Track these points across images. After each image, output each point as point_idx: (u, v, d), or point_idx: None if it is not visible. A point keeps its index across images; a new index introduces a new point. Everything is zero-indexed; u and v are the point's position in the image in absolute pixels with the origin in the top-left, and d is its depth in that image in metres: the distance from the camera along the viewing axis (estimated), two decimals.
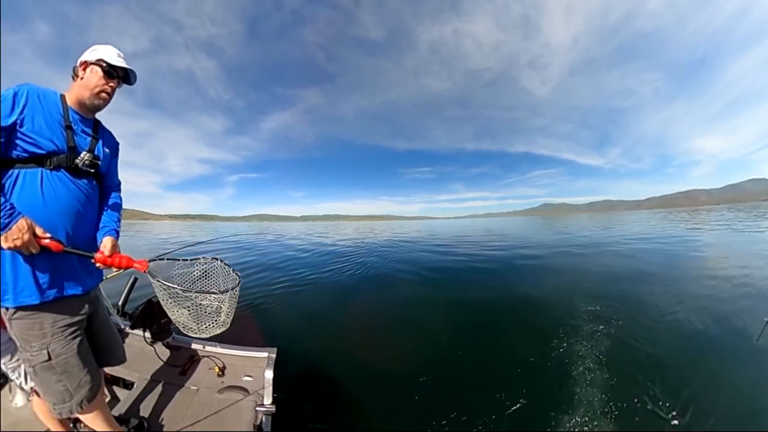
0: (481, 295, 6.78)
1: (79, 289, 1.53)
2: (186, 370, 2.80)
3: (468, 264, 10.63)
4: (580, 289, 6.61)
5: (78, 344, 1.52)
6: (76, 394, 1.52)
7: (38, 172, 1.38)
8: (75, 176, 1.50)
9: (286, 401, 2.72)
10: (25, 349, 1.44)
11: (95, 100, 1.56)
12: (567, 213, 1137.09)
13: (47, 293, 1.40)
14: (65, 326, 1.47)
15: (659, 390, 3.23)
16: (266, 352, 2.86)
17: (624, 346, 4.13)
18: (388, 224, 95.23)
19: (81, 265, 1.54)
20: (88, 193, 1.58)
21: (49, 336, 1.42)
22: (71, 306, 1.51)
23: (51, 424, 2.01)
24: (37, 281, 1.38)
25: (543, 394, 3.30)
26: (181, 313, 1.61)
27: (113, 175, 1.83)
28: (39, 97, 1.40)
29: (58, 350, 1.44)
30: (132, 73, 1.66)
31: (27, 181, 1.36)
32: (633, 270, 8.48)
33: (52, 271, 1.41)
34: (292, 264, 11.36)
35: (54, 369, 1.45)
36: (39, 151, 1.38)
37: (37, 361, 1.43)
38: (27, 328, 1.41)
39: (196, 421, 2.22)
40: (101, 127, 1.70)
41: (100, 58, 1.53)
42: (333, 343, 4.55)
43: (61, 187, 1.44)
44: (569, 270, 9.09)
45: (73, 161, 1.48)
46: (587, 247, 13.59)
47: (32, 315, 1.40)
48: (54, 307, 1.44)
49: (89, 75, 1.54)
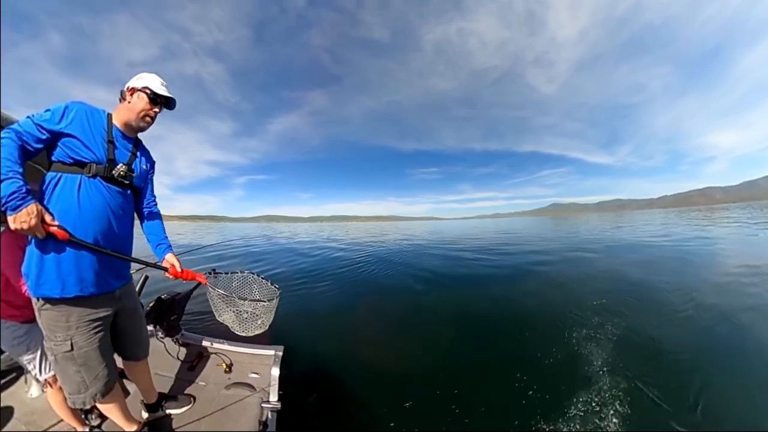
0: (489, 298, 6.70)
1: (103, 288, 1.62)
2: (194, 366, 2.86)
3: (477, 266, 10.53)
4: (590, 292, 6.51)
5: (100, 339, 1.62)
6: (91, 387, 1.62)
7: (78, 177, 1.51)
8: (111, 185, 1.62)
9: (291, 398, 2.75)
10: (50, 339, 1.54)
11: (140, 122, 1.72)
12: (576, 213, 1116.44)
13: (68, 290, 1.49)
14: (89, 321, 1.58)
15: (670, 397, 3.18)
16: (273, 350, 2.89)
17: (635, 352, 4.06)
18: (395, 225, 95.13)
19: (105, 266, 1.63)
20: (121, 202, 1.69)
21: (73, 329, 1.53)
22: (97, 303, 1.62)
23: (63, 415, 2.10)
24: (60, 277, 1.47)
25: (550, 397, 3.27)
26: (229, 316, 1.89)
27: (150, 189, 1.97)
28: (87, 114, 1.56)
29: (81, 343, 1.56)
30: (173, 100, 1.82)
31: (67, 184, 1.49)
32: (645, 272, 8.30)
33: (76, 269, 1.50)
34: (301, 265, 11.46)
35: (74, 360, 1.56)
36: (81, 158, 1.52)
37: (59, 350, 1.54)
38: (54, 319, 1.52)
39: (203, 416, 2.26)
40: (141, 145, 1.85)
41: (146, 86, 1.69)
42: (340, 343, 4.58)
43: (96, 192, 1.56)
44: (578, 271, 8.93)
45: (110, 171, 1.61)
46: (597, 249, 13.34)
47: (60, 308, 1.51)
48: (80, 303, 1.54)
49: (136, 100, 1.69)
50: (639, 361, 3.78)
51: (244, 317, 1.91)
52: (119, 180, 1.64)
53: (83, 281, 1.53)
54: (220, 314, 1.93)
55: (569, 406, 3.11)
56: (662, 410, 3.02)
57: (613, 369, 3.65)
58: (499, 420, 3.03)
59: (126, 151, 1.71)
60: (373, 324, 5.50)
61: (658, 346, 4.14)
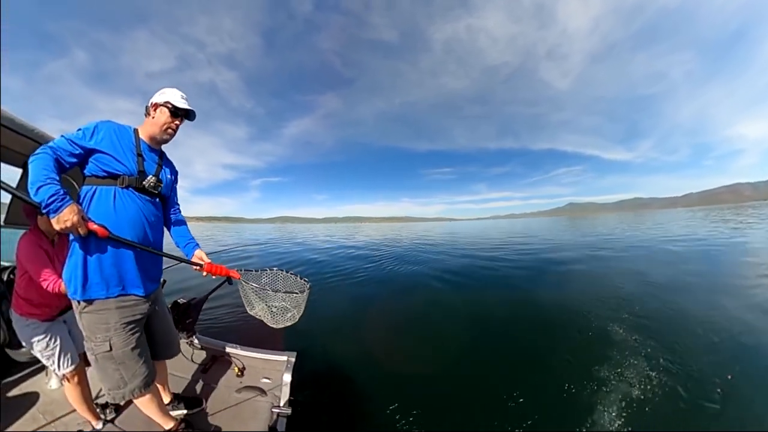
0: (506, 302, 6.54)
1: (141, 290, 1.71)
2: (208, 369, 2.89)
3: (494, 269, 10.24)
4: (611, 297, 6.26)
5: (136, 339, 1.71)
6: (129, 383, 1.70)
7: (112, 189, 1.62)
8: (142, 195, 1.73)
9: (302, 404, 2.74)
10: (90, 339, 1.63)
11: (163, 135, 1.83)
12: (594, 213, 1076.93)
13: (112, 290, 1.60)
14: (127, 323, 1.66)
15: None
16: (286, 355, 2.90)
17: (659, 359, 3.88)
18: (409, 226, 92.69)
19: (143, 269, 1.72)
20: (152, 210, 1.80)
21: (112, 330, 1.62)
22: (133, 305, 1.70)
23: (80, 408, 2.16)
24: (104, 280, 1.58)
25: (569, 405, 3.18)
26: (261, 308, 1.98)
27: (174, 197, 2.08)
28: (115, 131, 1.68)
29: (119, 343, 1.64)
30: (192, 112, 1.90)
31: (102, 195, 1.60)
32: (667, 277, 7.92)
33: (117, 272, 1.62)
34: (316, 268, 11.52)
35: (113, 359, 1.65)
36: (114, 171, 1.62)
37: (99, 350, 1.62)
38: (95, 321, 1.61)
39: (213, 413, 2.30)
40: (165, 157, 1.96)
41: (167, 100, 1.78)
42: (352, 348, 4.54)
43: (130, 202, 1.66)
44: (598, 276, 8.59)
45: (141, 182, 1.71)
46: (616, 250, 12.83)
47: (100, 310, 1.60)
48: (119, 305, 1.63)
49: (158, 114, 1.79)
50: (664, 375, 3.59)
51: (273, 311, 1.99)
52: (150, 190, 1.75)
53: (123, 284, 1.64)
54: (252, 307, 2.01)
55: (588, 415, 3.02)
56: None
57: (633, 380, 3.49)
58: (516, 426, 2.95)
59: (153, 163, 1.82)
60: (388, 328, 5.43)
61: (686, 359, 3.91)
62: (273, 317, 1.99)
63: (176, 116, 1.82)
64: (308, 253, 15.95)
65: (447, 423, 3.10)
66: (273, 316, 1.98)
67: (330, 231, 45.37)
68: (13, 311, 2.04)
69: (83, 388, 2.16)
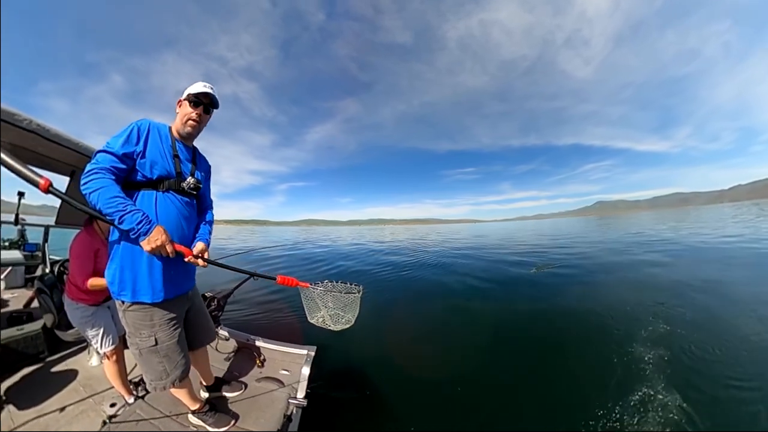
0: (531, 307, 6.26)
1: (179, 291, 1.81)
2: (230, 358, 3.03)
3: (520, 271, 9.87)
4: (647, 304, 5.82)
5: (178, 333, 1.82)
6: (171, 374, 1.81)
7: (153, 193, 1.64)
8: (181, 196, 1.75)
9: (318, 397, 2.79)
10: (134, 335, 1.71)
11: (186, 128, 1.79)
12: (626, 211, 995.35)
13: (158, 295, 1.67)
14: (169, 319, 1.76)
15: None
16: (306, 349, 2.99)
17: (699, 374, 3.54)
18: (433, 228, 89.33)
19: (183, 271, 1.81)
20: (190, 210, 1.83)
21: (156, 327, 1.72)
22: (175, 304, 1.80)
23: (116, 384, 2.38)
24: (152, 285, 1.65)
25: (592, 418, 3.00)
26: (322, 314, 2.09)
27: (207, 195, 2.08)
28: (155, 132, 1.68)
29: (163, 338, 1.74)
30: (212, 96, 1.81)
31: (144, 201, 1.61)
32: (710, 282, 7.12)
33: (164, 277, 1.68)
34: (338, 267, 11.67)
35: (158, 353, 1.75)
36: (155, 176, 1.63)
37: (145, 345, 1.72)
38: (140, 319, 1.69)
39: (233, 399, 2.41)
40: (198, 153, 1.96)
41: (188, 93, 1.77)
42: (372, 346, 4.53)
43: (170, 206, 1.69)
44: (631, 281, 7.97)
45: (180, 185, 1.73)
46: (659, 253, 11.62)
47: (145, 309, 1.68)
48: (162, 305, 1.72)
49: (181, 109, 1.80)
50: (699, 393, 3.27)
51: (329, 314, 2.10)
52: (189, 191, 1.78)
53: (166, 287, 1.69)
54: (312, 315, 2.12)
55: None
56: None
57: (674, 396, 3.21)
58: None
59: (188, 163, 1.82)
60: (408, 328, 5.38)
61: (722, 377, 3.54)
62: (333, 322, 2.09)
63: (196, 105, 1.78)
64: (334, 255, 16.11)
65: (463, 424, 3.04)
66: (333, 321, 2.09)
67: (356, 234, 45.34)
68: (65, 296, 2.31)
69: (120, 366, 2.39)
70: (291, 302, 6.51)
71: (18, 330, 2.92)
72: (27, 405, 2.34)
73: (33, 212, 7.58)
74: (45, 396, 2.47)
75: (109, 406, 2.36)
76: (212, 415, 2.13)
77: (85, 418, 2.26)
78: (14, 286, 4.90)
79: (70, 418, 2.26)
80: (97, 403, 2.41)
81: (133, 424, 2.13)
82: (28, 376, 2.75)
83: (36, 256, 4.94)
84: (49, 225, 4.40)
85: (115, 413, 2.28)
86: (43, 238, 4.66)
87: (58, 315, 2.51)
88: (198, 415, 2.12)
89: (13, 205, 4.42)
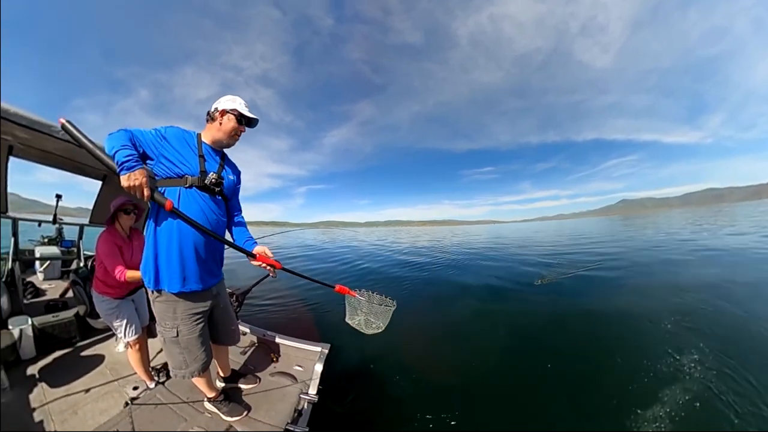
0: (552, 313, 5.93)
1: (200, 285, 1.85)
2: (246, 351, 3.12)
3: (540, 275, 9.30)
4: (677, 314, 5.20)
5: (200, 329, 1.91)
6: (190, 366, 1.92)
7: (177, 189, 1.72)
8: (204, 193, 1.82)
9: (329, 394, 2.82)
10: (160, 324, 1.85)
11: (230, 140, 1.91)
12: (654, 209, 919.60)
13: (175, 285, 1.75)
14: (192, 314, 1.86)
15: None
16: (320, 347, 3.04)
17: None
18: (452, 229, 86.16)
19: (207, 267, 1.88)
20: (214, 207, 1.88)
21: (179, 319, 1.82)
22: (198, 298, 1.88)
23: (138, 370, 2.53)
24: (171, 275, 1.74)
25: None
26: (359, 319, 2.28)
27: (236, 199, 2.14)
28: (180, 135, 1.78)
29: (185, 331, 1.85)
30: (255, 120, 1.99)
31: (168, 195, 1.68)
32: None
33: (182, 270, 1.76)
34: (355, 268, 11.72)
35: (179, 344, 1.86)
36: (178, 171, 1.72)
37: (168, 335, 1.84)
38: (164, 310, 1.81)
39: (247, 391, 2.49)
40: (227, 158, 2.04)
41: (235, 108, 1.86)
42: (387, 348, 4.46)
43: (193, 201, 1.76)
44: (662, 284, 7.35)
45: (203, 181, 1.79)
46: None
47: (169, 301, 1.79)
48: (185, 297, 1.82)
49: (226, 121, 1.87)
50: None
51: (364, 320, 2.28)
52: (211, 188, 1.82)
53: (186, 280, 1.77)
54: (351, 317, 2.29)
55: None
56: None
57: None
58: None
59: (215, 163, 1.89)
60: (425, 331, 5.30)
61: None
62: (366, 327, 2.26)
63: (241, 123, 1.91)
64: (352, 256, 16.04)
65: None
66: (366, 326, 2.26)
67: (375, 235, 44.82)
68: (93, 290, 2.47)
69: (143, 354, 2.53)
70: (307, 299, 6.61)
71: (54, 317, 3.15)
72: (58, 384, 2.52)
73: (70, 213, 8.30)
74: (74, 377, 2.64)
75: (132, 389, 2.50)
76: (227, 405, 2.21)
77: (109, 399, 2.40)
78: (52, 277, 5.32)
79: (95, 398, 2.41)
80: (120, 386, 2.56)
81: (152, 407, 2.25)
82: (60, 358, 2.97)
83: (72, 252, 5.40)
84: (83, 224, 4.82)
85: (136, 396, 2.42)
86: (78, 236, 5.06)
87: (89, 305, 2.70)
88: (213, 403, 2.20)
89: (51, 207, 4.82)
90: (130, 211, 2.47)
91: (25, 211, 4.92)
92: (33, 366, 2.76)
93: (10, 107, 1.67)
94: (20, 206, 34.78)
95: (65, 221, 5.65)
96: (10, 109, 1.67)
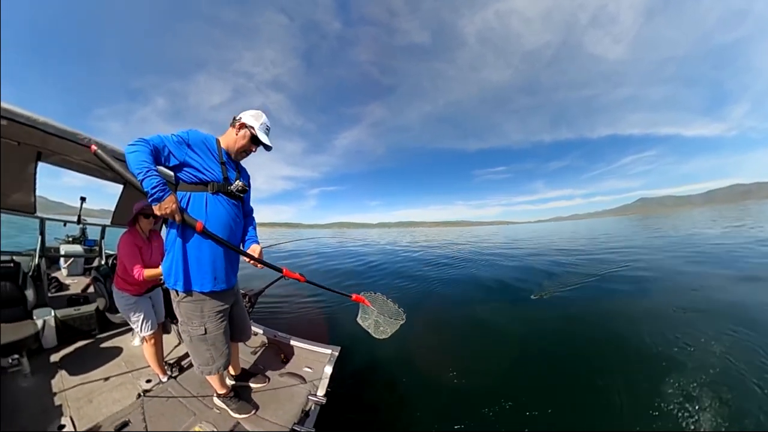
0: (566, 318, 5.63)
1: (227, 284, 1.93)
2: (257, 351, 3.15)
3: (555, 279, 8.86)
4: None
5: (224, 326, 1.98)
6: (217, 362, 1.97)
7: (204, 195, 1.79)
8: (229, 199, 1.90)
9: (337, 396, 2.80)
10: (186, 323, 1.89)
11: (238, 155, 1.98)
12: (674, 208, 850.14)
13: (207, 285, 1.82)
14: (218, 311, 1.92)
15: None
16: (330, 349, 3.05)
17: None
18: (464, 231, 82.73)
19: (230, 265, 1.95)
20: (237, 212, 1.96)
21: (206, 317, 1.88)
22: (223, 296, 1.95)
23: (152, 364, 2.61)
24: (202, 275, 1.80)
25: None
26: (370, 323, 2.43)
27: (248, 202, 2.21)
28: (204, 140, 1.82)
29: (212, 328, 1.90)
30: (269, 147, 2.02)
31: (195, 200, 1.77)
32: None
33: (213, 269, 1.83)
34: (368, 270, 11.63)
35: (206, 341, 1.92)
36: (204, 178, 1.79)
37: (195, 333, 1.89)
38: (192, 309, 1.86)
39: (256, 391, 2.51)
40: (240, 164, 2.10)
41: (253, 126, 1.91)
42: (397, 351, 4.41)
43: (219, 206, 1.83)
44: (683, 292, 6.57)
45: (227, 188, 1.87)
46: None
47: (196, 301, 1.85)
48: (212, 296, 1.88)
49: (241, 136, 1.92)
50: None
51: (374, 324, 2.44)
52: (236, 194, 1.90)
53: (217, 279, 1.85)
54: (363, 318, 2.44)
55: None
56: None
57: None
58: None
59: (233, 170, 1.95)
60: (435, 335, 5.21)
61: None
62: (375, 330, 2.39)
63: (255, 143, 1.97)
64: (367, 256, 15.97)
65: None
66: (375, 330, 2.40)
67: (388, 237, 44.17)
68: (113, 286, 2.58)
69: (157, 349, 2.61)
70: (318, 302, 6.62)
71: (75, 310, 3.32)
72: (76, 372, 2.64)
73: (93, 214, 8.75)
74: (92, 367, 2.75)
75: (145, 382, 2.58)
76: (236, 402, 2.23)
77: (123, 390, 2.48)
78: (75, 273, 5.63)
79: (110, 388, 2.49)
80: (135, 378, 2.64)
81: (163, 400, 2.30)
82: (80, 348, 3.10)
83: (94, 250, 5.69)
84: (105, 225, 5.08)
85: (149, 388, 2.49)
86: (100, 236, 5.35)
87: (109, 300, 2.81)
88: (223, 399, 2.23)
89: (76, 208, 5.12)
90: (150, 215, 2.58)
91: (51, 212, 5.24)
92: (55, 354, 2.91)
93: (39, 117, 1.77)
94: (47, 207, 37.87)
95: (89, 222, 5.92)
96: (39, 118, 1.77)
